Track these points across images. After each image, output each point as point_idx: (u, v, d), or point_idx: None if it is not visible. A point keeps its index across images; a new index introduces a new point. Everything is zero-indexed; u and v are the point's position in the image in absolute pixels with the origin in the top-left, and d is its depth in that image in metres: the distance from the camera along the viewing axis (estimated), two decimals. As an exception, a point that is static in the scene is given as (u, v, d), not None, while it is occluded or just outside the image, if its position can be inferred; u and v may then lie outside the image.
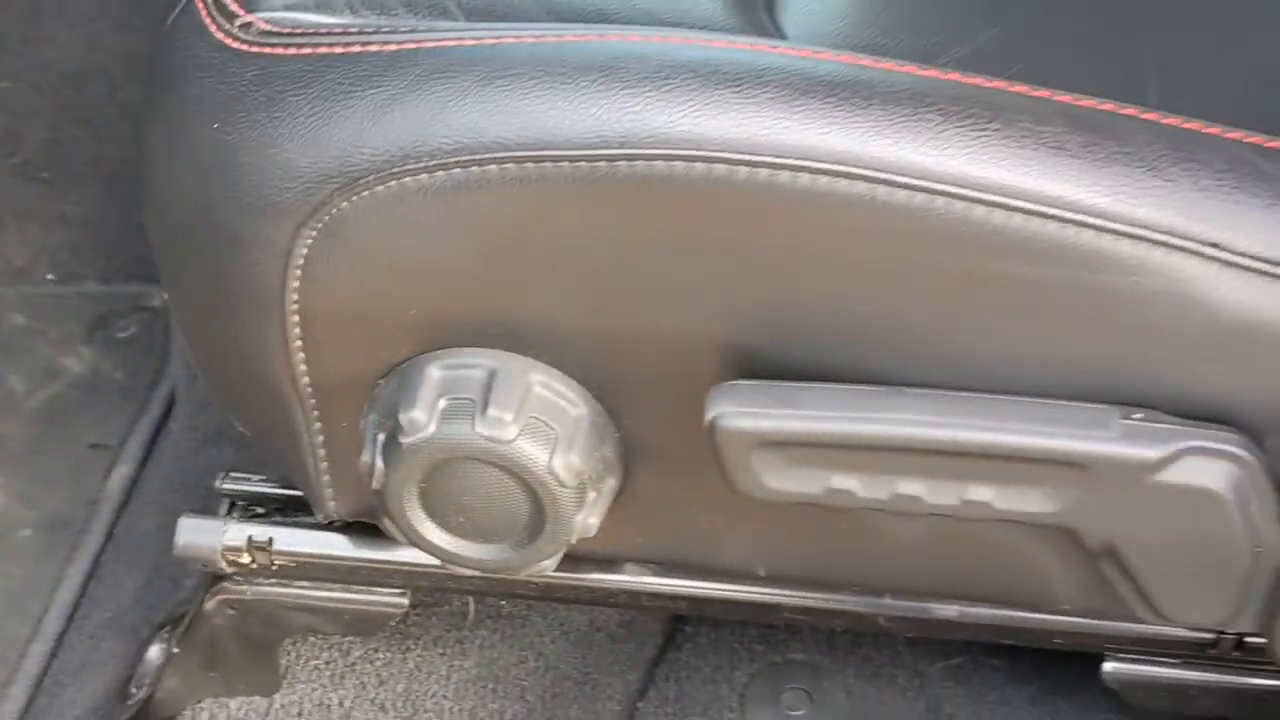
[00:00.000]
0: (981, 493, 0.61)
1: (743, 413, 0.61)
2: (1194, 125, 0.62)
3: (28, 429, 1.14)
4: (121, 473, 1.09)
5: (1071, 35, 0.71)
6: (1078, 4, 0.74)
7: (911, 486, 0.62)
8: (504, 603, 0.88)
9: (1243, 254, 0.59)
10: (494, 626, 0.88)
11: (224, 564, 0.78)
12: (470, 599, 0.88)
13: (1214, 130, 0.62)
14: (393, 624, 0.83)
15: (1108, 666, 0.76)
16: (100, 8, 1.28)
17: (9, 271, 1.25)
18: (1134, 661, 0.75)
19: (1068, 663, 0.82)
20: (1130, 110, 0.62)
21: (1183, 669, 0.75)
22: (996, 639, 0.75)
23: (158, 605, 0.95)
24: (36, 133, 1.28)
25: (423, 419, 0.64)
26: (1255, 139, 0.62)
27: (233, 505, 0.80)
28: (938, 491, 0.62)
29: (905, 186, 0.58)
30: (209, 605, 0.81)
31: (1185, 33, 0.73)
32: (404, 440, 0.65)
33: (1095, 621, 0.72)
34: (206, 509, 0.86)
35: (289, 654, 0.89)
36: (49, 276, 1.25)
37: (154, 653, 0.84)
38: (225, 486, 0.80)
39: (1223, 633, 0.72)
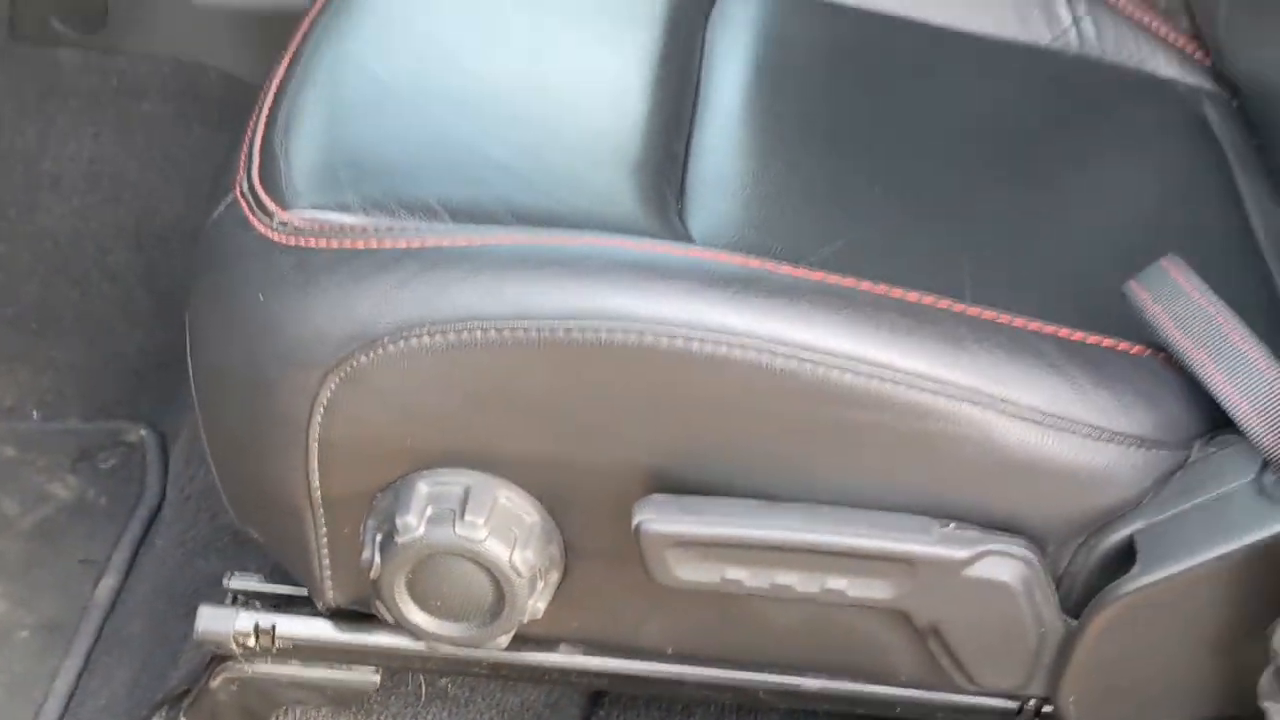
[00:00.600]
0: (837, 583, 0.83)
1: (661, 519, 0.82)
2: (992, 315, 0.85)
3: (23, 546, 1.31)
4: (108, 584, 1.26)
5: (909, 243, 0.94)
6: (916, 220, 0.97)
7: (786, 578, 0.83)
8: (449, 685, 1.07)
9: (1026, 408, 0.81)
10: (443, 705, 1.07)
11: (234, 646, 0.96)
12: (423, 681, 1.06)
13: (1006, 319, 0.85)
14: (363, 699, 1.02)
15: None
16: (90, 183, 1.48)
17: (0, 410, 1.43)
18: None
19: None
20: (946, 303, 0.85)
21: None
22: (852, 709, 0.96)
23: (147, 694, 1.12)
24: (30, 289, 1.46)
25: (414, 523, 0.84)
26: (1037, 325, 0.85)
27: (235, 598, 0.98)
28: (806, 581, 0.83)
29: (782, 355, 0.80)
30: (214, 682, 0.99)
31: (996, 245, 0.96)
32: (398, 540, 0.84)
33: (928, 694, 0.93)
34: (191, 611, 1.04)
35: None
36: (35, 414, 1.43)
37: None
38: (232, 584, 0.98)
39: (1025, 703, 0.93)
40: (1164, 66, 1.18)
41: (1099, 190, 1.03)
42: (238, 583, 0.98)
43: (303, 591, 0.95)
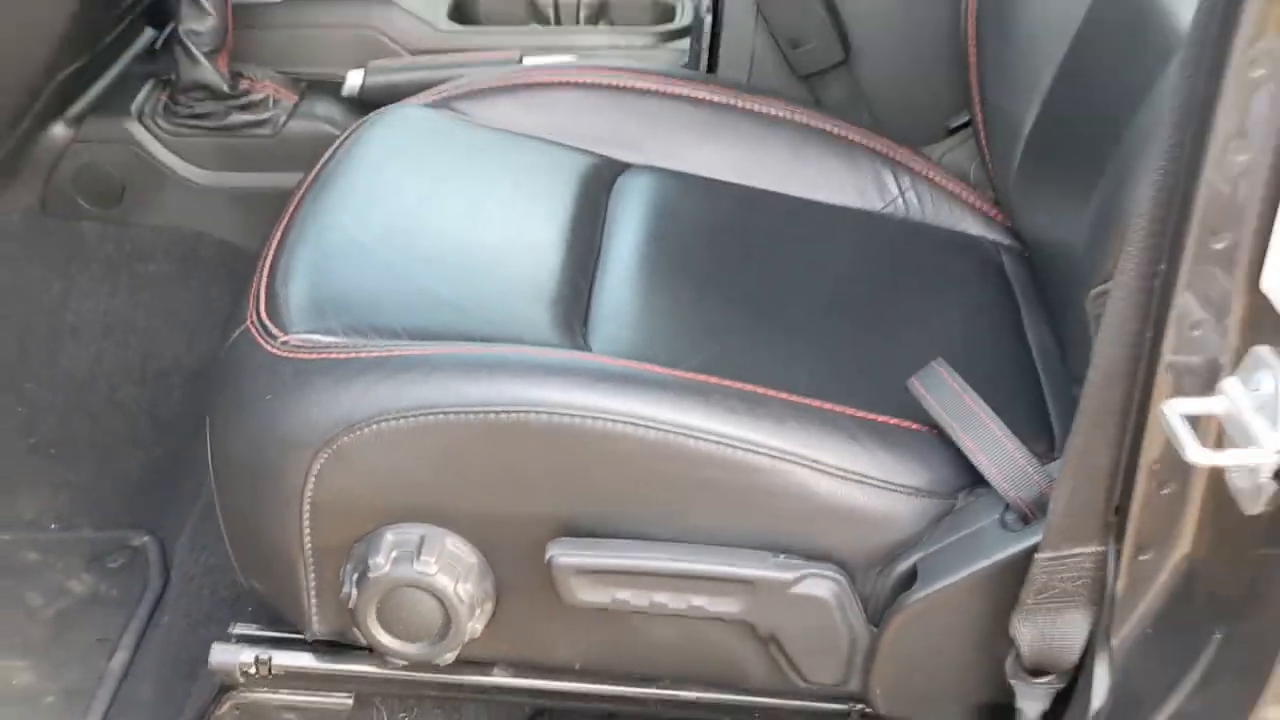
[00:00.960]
0: (699, 600, 1.11)
1: (567, 554, 1.11)
2: (813, 402, 1.15)
3: (46, 629, 1.56)
4: (120, 658, 1.52)
5: (760, 355, 1.23)
6: (768, 341, 1.27)
7: (661, 597, 1.11)
8: (406, 718, 1.33)
9: (832, 467, 1.11)
10: (404, 730, 1.33)
11: (239, 676, 1.22)
12: (384, 714, 1.33)
13: (820, 404, 1.15)
14: (338, 720, 1.28)
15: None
16: (105, 331, 1.77)
17: (22, 522, 1.69)
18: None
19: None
20: (781, 394, 1.15)
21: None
22: (718, 715, 1.23)
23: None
24: (50, 421, 1.74)
25: (382, 563, 1.12)
26: (843, 409, 1.15)
27: (239, 640, 1.25)
28: (675, 600, 1.11)
29: (655, 429, 1.09)
30: (221, 709, 1.25)
31: (826, 357, 1.26)
32: (370, 576, 1.12)
33: (777, 700, 1.20)
34: (193, 673, 1.30)
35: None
36: (53, 526, 1.69)
37: None
38: (235, 630, 1.25)
39: (852, 707, 1.20)
40: (972, 226, 1.50)
41: (912, 321, 1.34)
42: (240, 629, 1.25)
43: (292, 635, 1.22)
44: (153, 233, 1.77)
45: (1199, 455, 0.86)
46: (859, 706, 1.20)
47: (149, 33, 1.85)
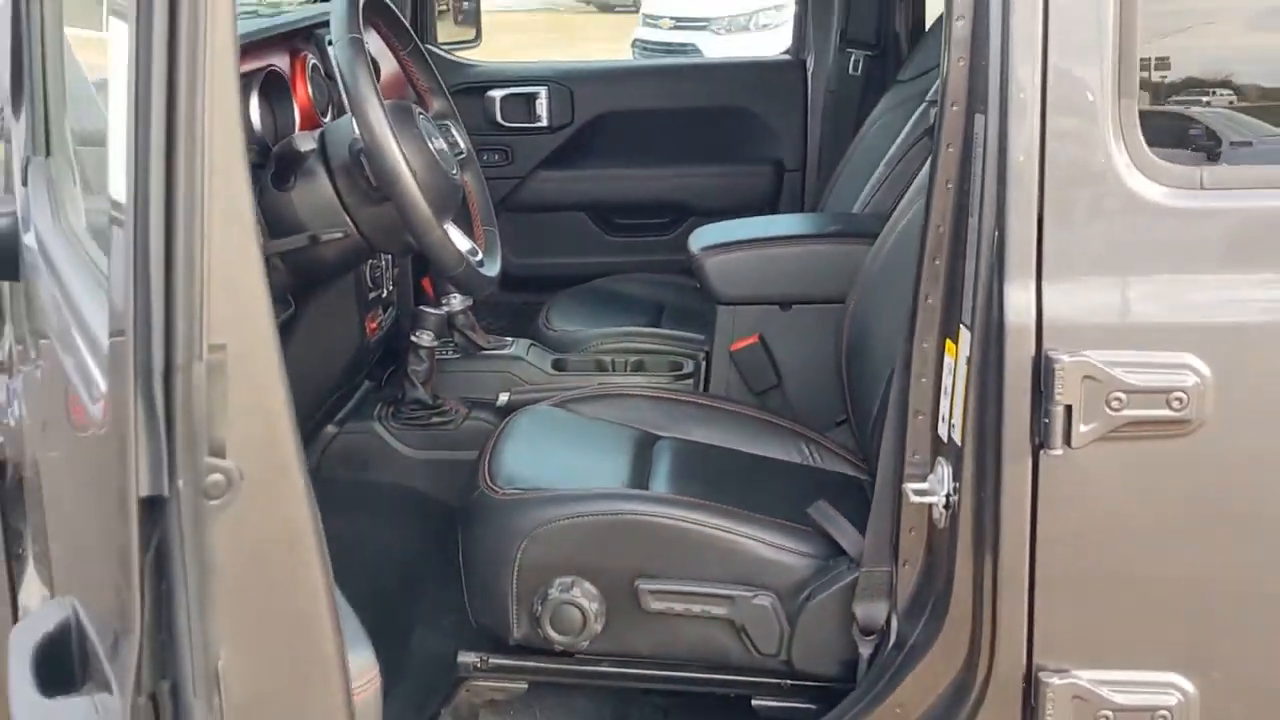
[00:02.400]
0: (708, 607, 2.32)
1: (646, 584, 2.33)
2: (762, 516, 2.39)
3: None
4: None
5: (733, 499, 2.47)
6: (738, 496, 2.50)
7: (689, 605, 2.32)
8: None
9: (771, 543, 2.34)
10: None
11: (472, 669, 2.40)
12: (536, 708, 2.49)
13: (768, 517, 2.39)
14: (516, 700, 2.44)
15: (755, 703, 2.40)
16: (353, 545, 3.00)
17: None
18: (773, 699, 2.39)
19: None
20: (744, 510, 2.39)
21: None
22: (711, 687, 2.40)
23: None
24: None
25: (555, 593, 2.32)
26: (778, 520, 2.39)
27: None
28: (694, 607, 2.32)
29: (685, 524, 2.33)
30: (460, 692, 2.41)
31: (767, 501, 2.50)
32: (549, 599, 2.32)
33: (744, 677, 2.38)
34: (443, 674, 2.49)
35: None
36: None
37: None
38: (463, 659, 2.43)
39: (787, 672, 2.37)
40: (849, 470, 2.77)
41: (812, 495, 2.59)
42: (465, 651, 2.44)
43: (497, 652, 2.40)
44: (384, 487, 3.04)
45: (916, 499, 2.10)
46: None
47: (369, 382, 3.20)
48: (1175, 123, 1.97)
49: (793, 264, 3.06)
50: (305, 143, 2.41)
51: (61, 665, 1.29)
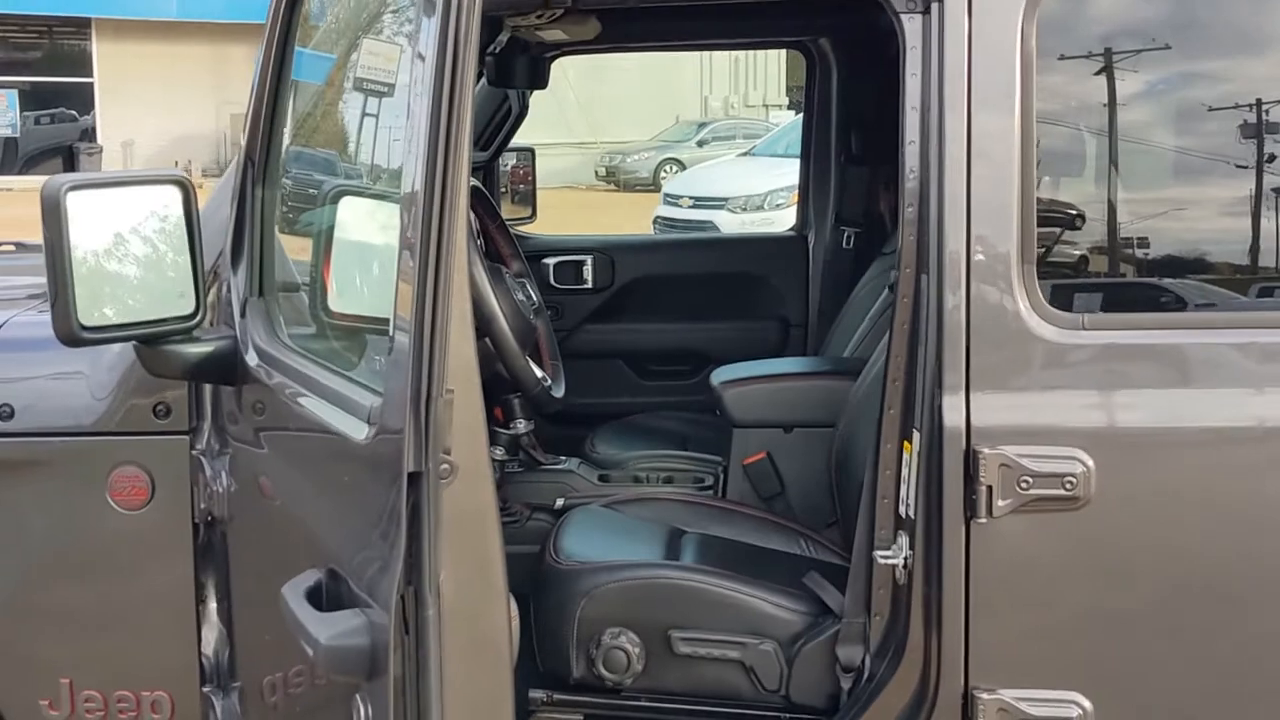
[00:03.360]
0: (725, 651, 3.01)
1: (677, 632, 3.02)
2: (766, 580, 3.08)
3: None
4: None
5: (746, 570, 3.16)
6: (749, 568, 3.19)
7: (710, 650, 3.01)
8: None
9: (772, 601, 3.03)
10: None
11: (541, 701, 3.07)
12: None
13: (771, 582, 3.08)
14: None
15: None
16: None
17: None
18: None
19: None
20: (750, 577, 3.09)
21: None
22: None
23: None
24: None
25: (607, 639, 3.02)
26: (778, 584, 3.08)
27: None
28: (715, 651, 3.01)
29: (705, 585, 3.03)
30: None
31: (772, 571, 3.19)
32: (602, 645, 3.01)
33: (749, 711, 3.05)
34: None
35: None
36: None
37: None
38: (533, 695, 3.11)
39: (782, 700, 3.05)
40: (836, 559, 3.46)
41: (808, 567, 3.29)
42: (533, 693, 3.12)
43: (560, 689, 3.08)
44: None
45: (883, 563, 2.81)
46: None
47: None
48: (1064, 281, 2.71)
49: (795, 395, 3.80)
50: None
51: (319, 600, 2.04)
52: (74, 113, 29.54)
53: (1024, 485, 2.55)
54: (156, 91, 28.73)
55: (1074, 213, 2.74)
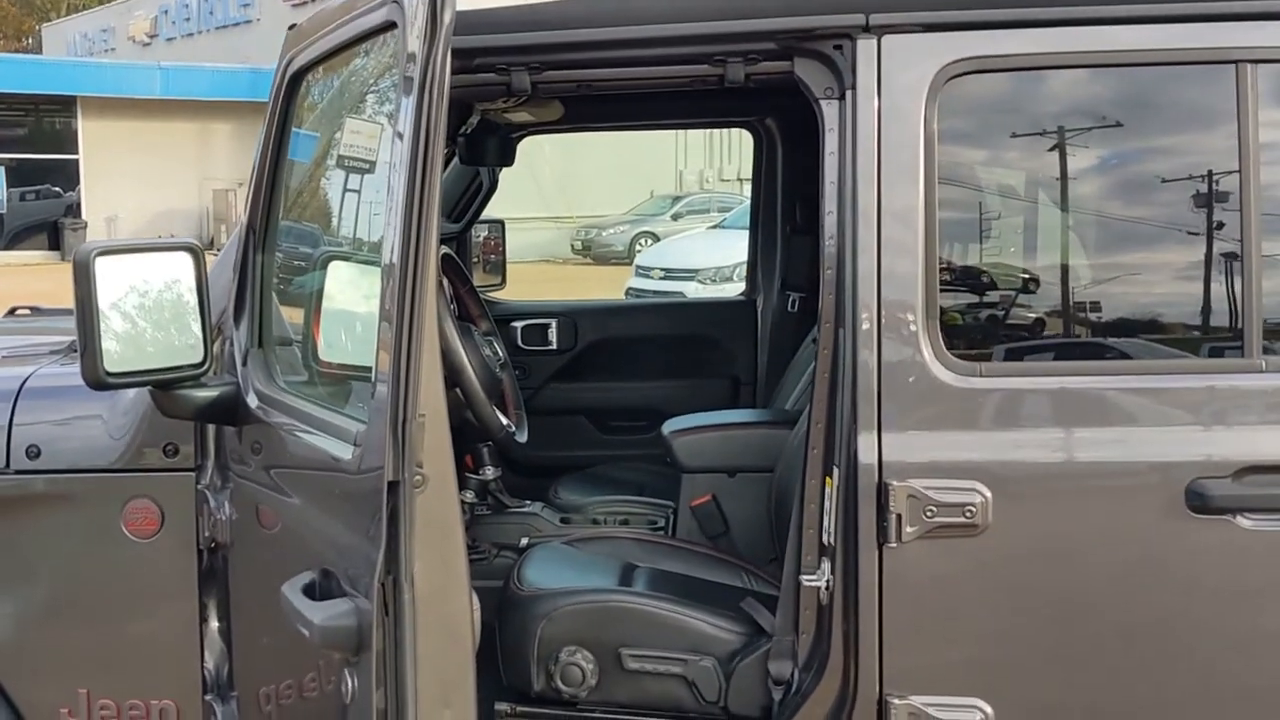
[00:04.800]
0: (669, 667, 3.35)
1: (626, 649, 3.37)
2: (706, 607, 3.43)
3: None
4: None
5: (688, 594, 3.51)
6: (684, 591, 3.54)
7: (655, 665, 3.35)
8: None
9: (712, 623, 3.38)
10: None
11: (504, 716, 3.42)
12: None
13: (713, 607, 3.44)
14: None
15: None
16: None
17: None
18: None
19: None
20: (692, 602, 3.44)
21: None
22: None
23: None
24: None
25: (564, 656, 3.36)
26: (718, 609, 3.44)
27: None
28: (660, 666, 3.35)
29: (653, 609, 3.38)
30: (495, 731, 3.42)
31: (711, 596, 3.54)
32: (560, 661, 3.36)
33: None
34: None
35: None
36: None
37: None
38: (498, 707, 3.44)
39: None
40: (776, 592, 3.81)
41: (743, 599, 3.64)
42: (499, 705, 3.46)
43: (522, 703, 3.42)
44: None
45: (808, 584, 3.16)
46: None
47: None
48: (963, 334, 3.08)
49: (738, 443, 4.17)
50: None
51: (314, 594, 2.42)
52: (59, 189, 29.95)
53: (929, 514, 2.89)
54: (140, 167, 29.20)
55: (972, 273, 3.12)
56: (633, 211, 28.32)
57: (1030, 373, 3.03)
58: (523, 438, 3.72)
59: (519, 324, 5.27)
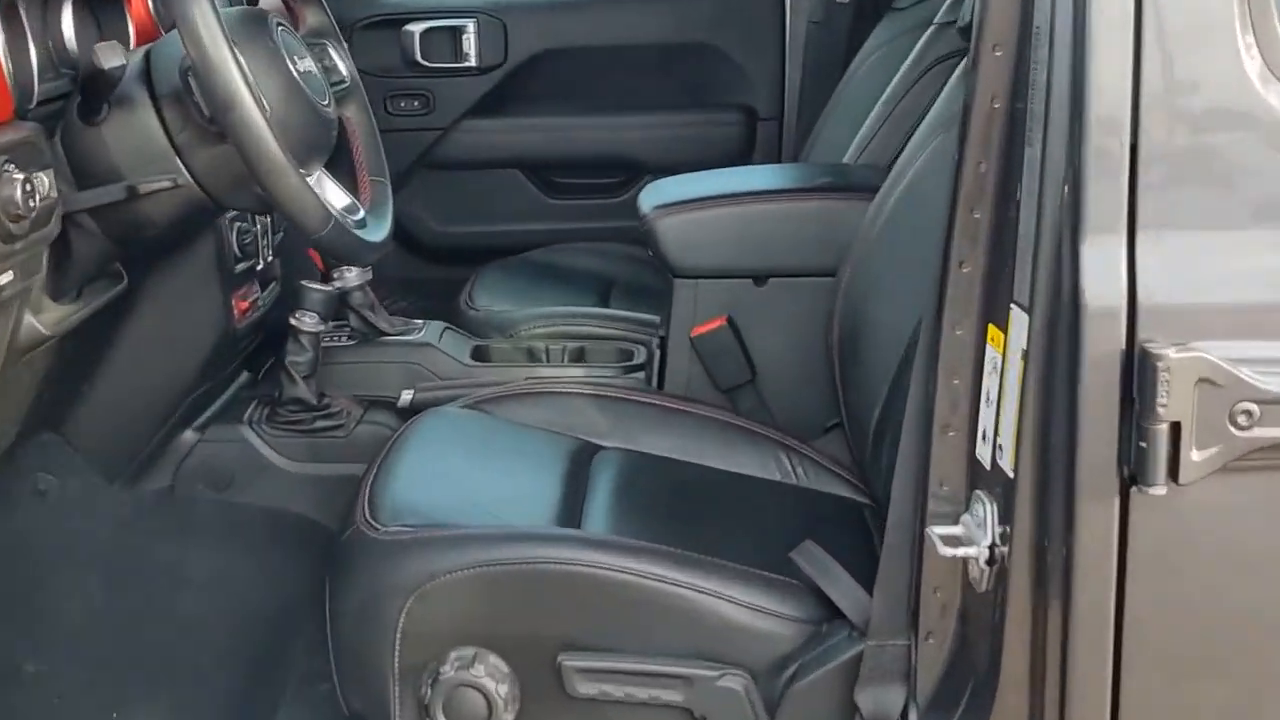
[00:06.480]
0: (657, 692, 1.71)
1: (571, 660, 1.71)
2: (727, 562, 1.77)
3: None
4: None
5: (690, 540, 1.85)
6: (698, 532, 1.89)
7: (631, 690, 1.71)
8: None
9: (740, 599, 1.72)
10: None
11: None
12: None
13: (734, 564, 1.77)
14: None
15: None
16: (213, 583, 2.37)
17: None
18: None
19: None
20: (701, 557, 1.77)
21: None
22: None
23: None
24: (163, 651, 2.32)
25: (449, 671, 1.71)
26: (744, 567, 1.77)
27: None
28: (640, 692, 1.71)
29: (625, 574, 1.72)
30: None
31: (735, 539, 1.88)
32: (441, 680, 1.71)
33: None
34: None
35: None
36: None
37: None
38: None
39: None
40: (844, 490, 2.16)
41: (795, 532, 1.97)
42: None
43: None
44: (255, 510, 2.42)
45: (945, 550, 1.50)
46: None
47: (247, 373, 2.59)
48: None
49: (769, 227, 2.45)
50: (113, 57, 1.78)
51: None
52: None
53: (1244, 421, 1.37)
54: None
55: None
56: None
57: None
58: (379, 234, 2.01)
59: (416, 27, 3.51)
